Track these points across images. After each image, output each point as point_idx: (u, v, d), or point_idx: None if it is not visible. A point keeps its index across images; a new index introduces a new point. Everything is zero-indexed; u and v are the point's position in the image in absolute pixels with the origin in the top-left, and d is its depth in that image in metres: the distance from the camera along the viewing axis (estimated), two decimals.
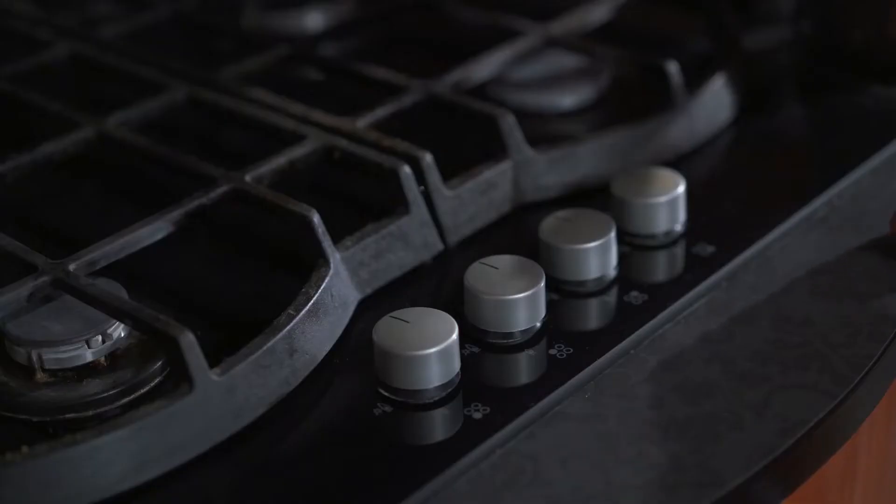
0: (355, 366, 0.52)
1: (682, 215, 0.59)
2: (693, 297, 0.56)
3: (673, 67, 0.66)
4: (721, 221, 0.61)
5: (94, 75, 0.72)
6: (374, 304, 0.55)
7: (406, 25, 0.81)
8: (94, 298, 0.50)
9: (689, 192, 0.60)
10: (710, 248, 0.58)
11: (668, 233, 0.59)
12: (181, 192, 0.57)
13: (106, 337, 0.51)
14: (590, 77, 0.71)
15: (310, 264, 0.54)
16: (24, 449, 0.45)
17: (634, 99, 0.70)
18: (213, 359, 0.48)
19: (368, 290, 0.56)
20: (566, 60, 0.72)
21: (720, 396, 0.51)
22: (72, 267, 0.52)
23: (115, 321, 0.51)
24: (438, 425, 0.50)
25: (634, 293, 0.56)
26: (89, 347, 0.51)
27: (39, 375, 0.51)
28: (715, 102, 0.67)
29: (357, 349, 0.53)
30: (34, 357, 0.50)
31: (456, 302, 0.54)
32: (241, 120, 0.64)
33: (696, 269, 0.57)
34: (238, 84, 0.67)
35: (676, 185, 0.59)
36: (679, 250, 0.59)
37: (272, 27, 0.79)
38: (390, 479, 0.47)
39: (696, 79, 0.67)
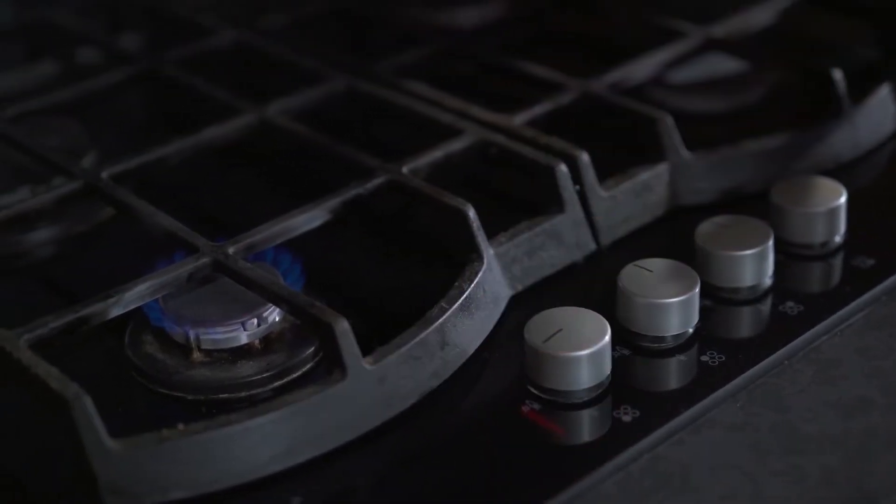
0: (505, 362, 0.52)
1: (842, 226, 0.58)
2: (851, 311, 0.55)
3: (838, 75, 0.64)
4: (882, 234, 0.59)
5: (256, 63, 0.73)
6: (525, 301, 0.55)
7: (560, 24, 0.80)
8: (252, 282, 0.51)
9: (850, 202, 0.58)
10: (870, 261, 0.57)
11: (826, 243, 0.58)
12: (337, 182, 0.57)
13: (261, 320, 0.52)
14: (748, 81, 0.70)
15: (462, 258, 0.55)
16: (181, 426, 0.46)
17: (794, 105, 0.68)
18: (363, 347, 0.49)
19: (519, 287, 0.56)
20: (722, 63, 0.71)
21: (876, 413, 0.50)
22: (231, 250, 0.53)
23: (269, 305, 0.52)
24: (587, 426, 0.49)
25: (790, 303, 0.55)
26: (245, 330, 0.52)
27: (195, 355, 0.52)
28: (880, 112, 0.65)
29: (507, 345, 0.53)
30: (191, 336, 0.51)
31: (606, 303, 0.54)
32: (399, 112, 0.65)
33: (855, 282, 0.56)
34: (396, 76, 0.68)
35: (838, 196, 0.58)
36: (837, 262, 0.58)
37: (429, 21, 0.79)
38: (536, 478, 0.47)
39: (858, 87, 0.66)
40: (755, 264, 0.55)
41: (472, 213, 0.54)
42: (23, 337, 0.48)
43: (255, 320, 0.52)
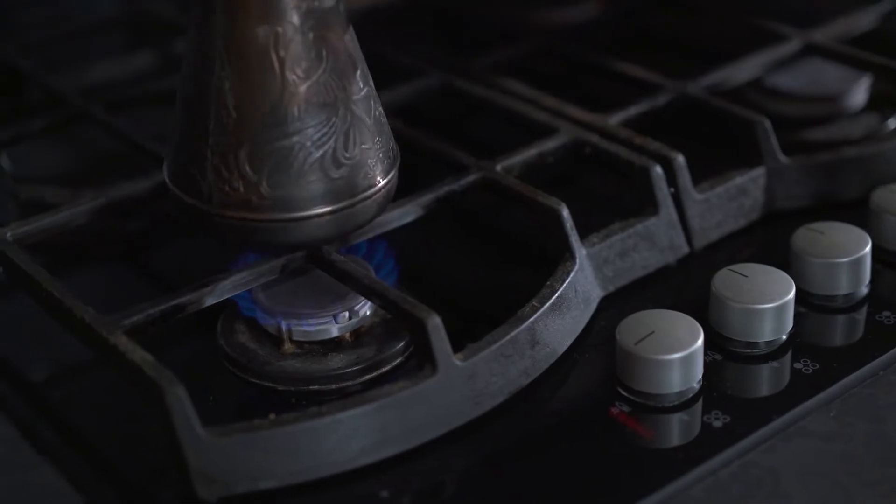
0: (595, 362, 0.52)
1: None
2: None
3: None
4: None
5: None
6: (617, 303, 0.55)
7: (656, 24, 0.80)
8: (346, 275, 0.51)
9: None
10: None
11: None
12: (430, 178, 0.57)
13: (352, 314, 0.52)
14: (848, 86, 0.68)
15: (553, 258, 0.54)
16: (272, 416, 0.46)
17: (894, 111, 0.67)
18: (453, 344, 0.49)
19: (611, 288, 0.56)
20: (821, 67, 0.70)
21: None
22: None
23: (361, 298, 0.52)
24: (676, 430, 0.49)
25: (886, 313, 0.54)
26: (336, 322, 0.52)
27: (287, 346, 0.52)
28: None
29: (598, 346, 0.53)
30: (283, 328, 0.52)
31: (698, 306, 0.53)
32: (493, 109, 0.65)
33: None
34: (491, 74, 0.68)
35: None
36: None
37: (525, 20, 0.79)
38: (625, 480, 0.47)
39: None
40: (852, 272, 0.54)
41: (565, 212, 0.54)
42: (119, 323, 0.48)
43: (347, 313, 0.52)
